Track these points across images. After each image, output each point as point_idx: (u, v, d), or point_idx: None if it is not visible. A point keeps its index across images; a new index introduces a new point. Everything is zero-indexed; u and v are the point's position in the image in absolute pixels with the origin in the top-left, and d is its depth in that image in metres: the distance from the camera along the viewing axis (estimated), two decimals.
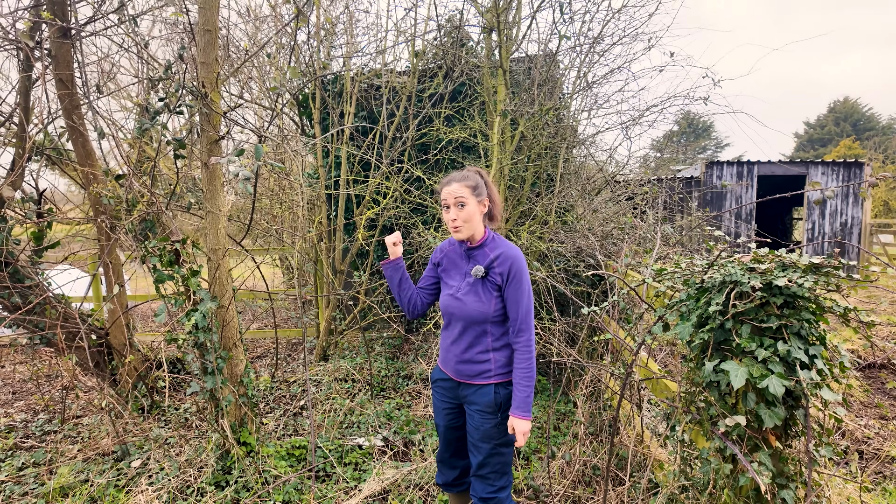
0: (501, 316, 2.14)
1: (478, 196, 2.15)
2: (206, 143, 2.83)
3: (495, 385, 2.14)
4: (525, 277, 2.10)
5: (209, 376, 2.90)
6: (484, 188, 2.19)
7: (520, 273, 2.09)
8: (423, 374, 5.15)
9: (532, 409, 2.54)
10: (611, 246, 3.98)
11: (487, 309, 2.12)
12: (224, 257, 2.95)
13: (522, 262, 2.12)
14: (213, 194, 2.90)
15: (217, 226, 2.94)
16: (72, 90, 3.41)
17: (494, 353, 2.16)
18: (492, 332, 2.16)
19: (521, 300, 2.08)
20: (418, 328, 6.40)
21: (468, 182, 2.15)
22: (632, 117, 4.50)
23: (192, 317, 2.53)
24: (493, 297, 2.11)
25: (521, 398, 2.06)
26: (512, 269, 2.09)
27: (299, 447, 3.64)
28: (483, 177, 2.21)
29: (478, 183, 2.17)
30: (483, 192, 2.18)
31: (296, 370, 5.81)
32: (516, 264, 2.09)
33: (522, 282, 2.09)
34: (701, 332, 2.00)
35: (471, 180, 2.16)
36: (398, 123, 5.51)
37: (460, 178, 2.17)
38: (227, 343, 3.13)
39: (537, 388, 4.80)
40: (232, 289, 3.11)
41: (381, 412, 4.27)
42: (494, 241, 2.20)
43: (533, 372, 2.09)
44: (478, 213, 2.16)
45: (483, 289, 2.13)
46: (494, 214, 2.25)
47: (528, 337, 2.08)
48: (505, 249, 2.14)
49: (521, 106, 4.24)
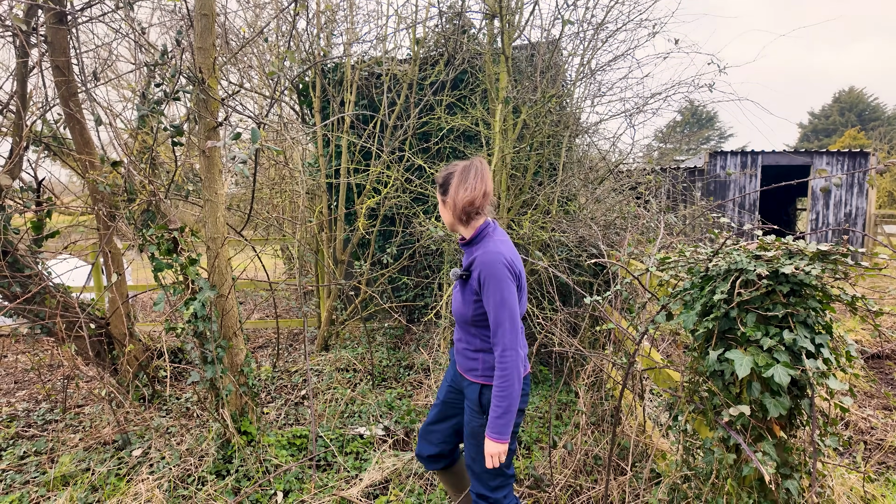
0: (484, 319, 2.02)
1: (443, 194, 2.08)
2: (204, 130, 2.79)
3: (481, 386, 2.06)
4: (494, 287, 1.89)
5: (209, 366, 2.89)
6: (449, 186, 2.05)
7: (488, 281, 1.90)
8: (424, 365, 5.14)
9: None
10: (613, 235, 3.94)
11: (466, 311, 2.03)
12: (223, 246, 2.93)
13: (494, 268, 1.90)
14: (211, 182, 2.87)
15: (216, 214, 2.91)
16: (69, 77, 3.37)
17: (483, 353, 2.07)
18: (478, 333, 2.07)
19: (490, 309, 1.91)
20: (420, 318, 6.38)
21: (438, 179, 2.12)
22: (636, 105, 4.44)
23: (190, 306, 2.51)
24: (471, 300, 2.00)
25: (493, 418, 1.91)
26: (481, 275, 1.92)
27: (300, 436, 3.64)
28: (454, 174, 2.05)
29: (444, 180, 2.08)
30: (448, 191, 2.05)
31: (297, 360, 5.81)
32: (485, 271, 1.91)
33: (490, 291, 1.89)
34: (705, 320, 1.98)
35: (440, 177, 2.11)
36: (399, 112, 5.46)
37: (439, 176, 2.14)
38: (227, 332, 3.12)
39: (538, 377, 4.79)
40: (231, 278, 3.09)
41: (382, 402, 4.27)
42: (483, 239, 2.05)
43: (508, 391, 1.89)
44: (446, 213, 2.10)
45: (465, 291, 2.03)
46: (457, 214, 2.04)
47: (501, 351, 1.89)
48: (480, 253, 1.96)
49: (524, 93, 4.19)
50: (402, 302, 6.01)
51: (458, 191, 2.00)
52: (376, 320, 6.27)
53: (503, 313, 1.88)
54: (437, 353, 5.05)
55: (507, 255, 1.94)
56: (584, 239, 4.03)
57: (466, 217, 2.03)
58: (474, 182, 2.00)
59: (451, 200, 2.02)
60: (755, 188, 12.33)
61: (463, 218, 2.04)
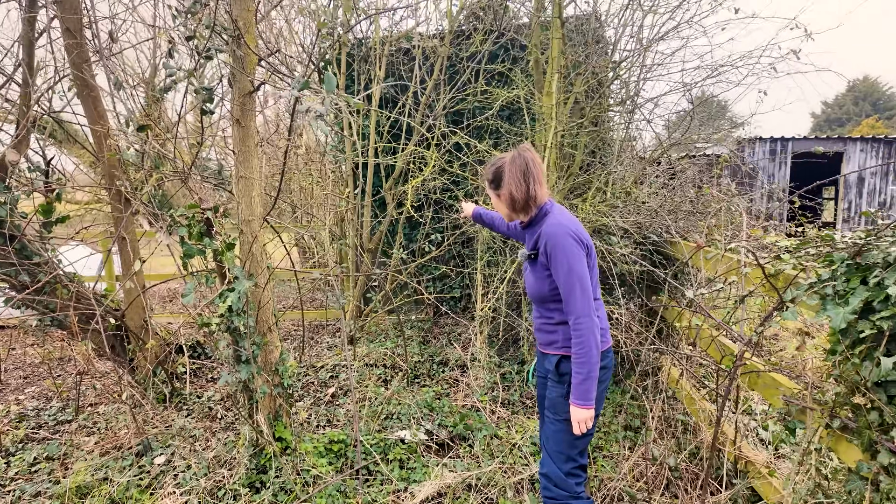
0: (557, 296, 2.05)
1: (495, 189, 2.15)
2: (239, 96, 2.42)
3: (561, 356, 2.09)
4: (561, 253, 1.94)
5: (243, 365, 2.54)
6: (501, 180, 2.10)
7: (554, 249, 1.95)
8: (459, 361, 4.79)
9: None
10: (680, 221, 3.56)
11: (542, 289, 2.07)
12: (260, 230, 2.57)
13: (559, 237, 1.95)
14: (246, 156, 2.50)
15: (251, 193, 2.55)
16: (80, 40, 3.00)
17: (563, 326, 2.08)
18: (556, 307, 2.08)
19: (560, 279, 1.96)
20: (449, 310, 6.03)
21: (486, 176, 2.19)
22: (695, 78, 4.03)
23: (226, 298, 2.16)
24: (544, 276, 2.05)
25: (574, 384, 1.95)
26: (547, 246, 1.98)
27: (337, 441, 3.29)
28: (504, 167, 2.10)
29: (494, 175, 2.14)
30: (500, 185, 2.11)
31: (321, 354, 5.47)
32: (550, 241, 1.96)
33: (558, 259, 1.94)
34: (872, 319, 1.60)
35: (488, 173, 2.17)
36: (431, 90, 5.06)
37: (484, 171, 2.25)
38: (262, 327, 2.77)
39: None
40: (268, 266, 2.73)
41: (421, 402, 3.92)
42: (546, 216, 2.08)
43: (587, 357, 1.92)
44: (500, 205, 2.17)
45: (535, 269, 2.09)
46: (514, 207, 2.11)
47: (575, 318, 1.93)
48: (544, 227, 2.02)
49: (577, 65, 3.79)
50: (438, 294, 5.64)
51: (512, 183, 2.05)
52: (403, 312, 5.92)
53: (572, 281, 1.93)
54: (475, 349, 4.71)
55: (571, 226, 1.99)
56: (642, 226, 3.65)
57: (524, 206, 2.09)
58: (528, 172, 2.04)
59: (507, 193, 2.08)
60: (785, 176, 11.89)
61: (520, 208, 2.10)
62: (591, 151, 4.08)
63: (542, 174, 2.08)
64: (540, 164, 2.09)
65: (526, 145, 2.11)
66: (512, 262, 4.32)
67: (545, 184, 2.10)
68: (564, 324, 2.06)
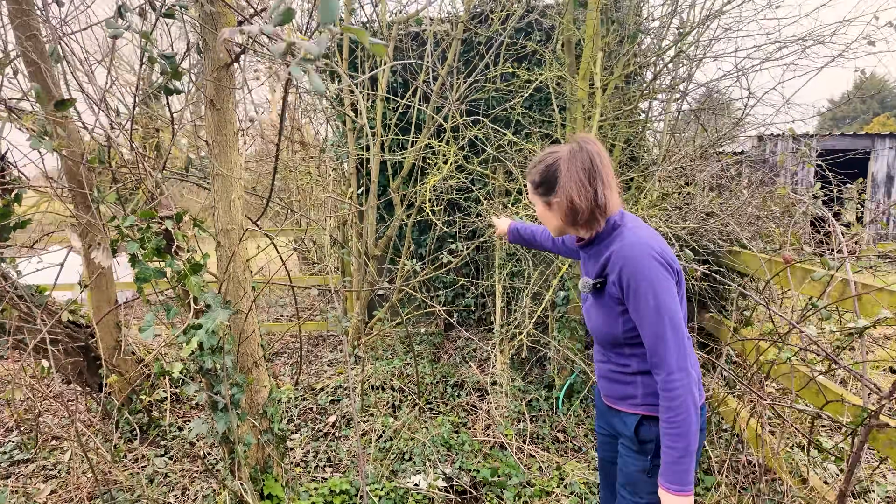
0: (635, 339, 1.52)
1: (544, 195, 1.58)
2: (213, 69, 1.87)
3: (642, 417, 1.56)
4: (644, 284, 1.40)
5: (220, 414, 1.99)
6: (556, 183, 1.53)
7: (634, 279, 1.42)
8: (477, 384, 4.23)
9: None
10: (744, 227, 3.01)
11: (615, 329, 1.54)
12: (242, 241, 2.01)
13: (640, 261, 1.42)
14: (223, 148, 1.95)
15: (230, 195, 2.00)
16: (26, 7, 2.45)
17: (642, 376, 1.56)
18: (635, 353, 1.56)
19: (643, 319, 1.42)
20: (461, 323, 5.48)
21: (532, 178, 1.61)
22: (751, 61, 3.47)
23: (193, 336, 1.62)
24: (617, 313, 1.52)
25: (666, 463, 1.42)
26: (623, 274, 1.44)
27: (340, 492, 2.75)
28: (559, 166, 1.52)
29: (544, 176, 1.56)
30: (553, 189, 1.54)
31: (321, 373, 4.92)
32: (628, 266, 1.43)
33: (641, 292, 1.41)
34: None
35: (534, 174, 1.60)
36: (445, 76, 4.51)
37: (529, 170, 1.64)
38: (246, 362, 2.22)
39: None
40: (252, 287, 2.18)
41: (436, 438, 3.37)
42: (614, 231, 1.54)
43: (685, 427, 1.38)
44: (551, 217, 1.61)
45: (604, 303, 1.55)
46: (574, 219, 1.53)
47: (666, 375, 1.40)
48: (617, 248, 1.48)
49: (620, 42, 3.24)
50: (450, 306, 5.10)
51: (573, 187, 1.48)
52: (410, 324, 5.37)
53: (662, 323, 1.39)
54: (494, 370, 4.15)
55: (655, 244, 1.46)
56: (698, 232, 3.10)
57: (589, 218, 1.52)
58: (594, 171, 1.49)
59: (565, 201, 1.50)
60: (808, 175, 11.33)
61: (584, 221, 1.53)
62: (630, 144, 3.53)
63: (612, 174, 1.53)
64: (609, 160, 1.54)
65: (586, 136, 1.55)
66: (541, 274, 3.76)
67: (615, 187, 1.55)
68: (646, 373, 1.54)
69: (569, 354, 3.66)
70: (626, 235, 1.49)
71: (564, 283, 3.76)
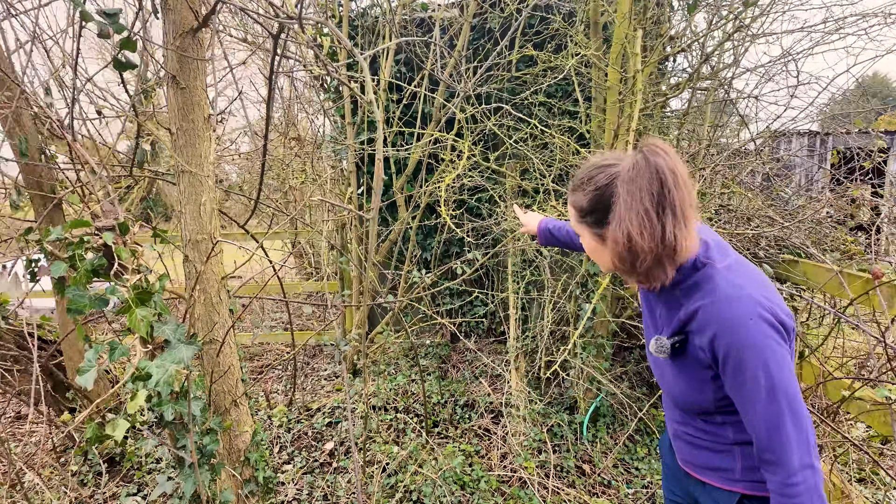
0: (731, 406, 1.13)
1: (594, 226, 1.17)
2: (175, 35, 1.46)
3: (742, 496, 1.17)
4: (751, 363, 1.00)
5: (188, 471, 1.58)
6: (608, 210, 1.11)
7: (736, 354, 1.02)
8: (490, 406, 3.83)
9: None
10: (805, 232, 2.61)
11: (702, 398, 1.15)
12: (211, 256, 1.60)
13: (743, 329, 1.01)
14: (190, 137, 1.55)
15: (199, 197, 1.59)
16: None
17: (741, 446, 1.16)
18: (729, 420, 1.16)
19: (752, 406, 1.03)
20: (469, 334, 5.08)
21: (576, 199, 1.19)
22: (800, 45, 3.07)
23: (140, 388, 1.20)
24: (705, 379, 1.12)
25: None
26: (718, 344, 1.04)
27: None
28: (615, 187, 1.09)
29: (594, 202, 1.14)
30: (603, 220, 1.13)
31: (317, 388, 4.51)
32: (725, 336, 1.03)
33: (745, 372, 1.01)
34: None
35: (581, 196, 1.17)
36: (453, 65, 4.10)
37: (573, 187, 1.21)
38: (222, 402, 1.81)
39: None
40: (230, 309, 1.77)
41: (448, 473, 2.96)
42: (696, 274, 1.11)
43: None
44: (602, 251, 1.19)
45: (686, 365, 1.15)
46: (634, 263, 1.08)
47: (784, 479, 1.00)
48: (708, 301, 1.07)
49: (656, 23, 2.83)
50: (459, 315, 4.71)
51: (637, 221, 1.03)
52: (414, 335, 4.97)
53: (778, 409, 1.00)
54: (508, 388, 3.75)
55: (759, 295, 1.04)
56: (750, 238, 2.70)
57: (655, 264, 1.07)
58: (664, 198, 1.02)
59: (622, 239, 1.05)
60: (822, 172, 10.94)
61: (647, 267, 1.07)
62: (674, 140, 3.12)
63: (691, 201, 1.06)
64: (688, 181, 1.06)
65: (656, 143, 1.06)
66: (562, 285, 3.36)
67: (693, 218, 1.07)
68: (743, 444, 1.16)
69: (595, 375, 3.26)
70: (718, 284, 1.07)
71: (589, 295, 3.36)
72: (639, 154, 1.06)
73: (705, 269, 1.10)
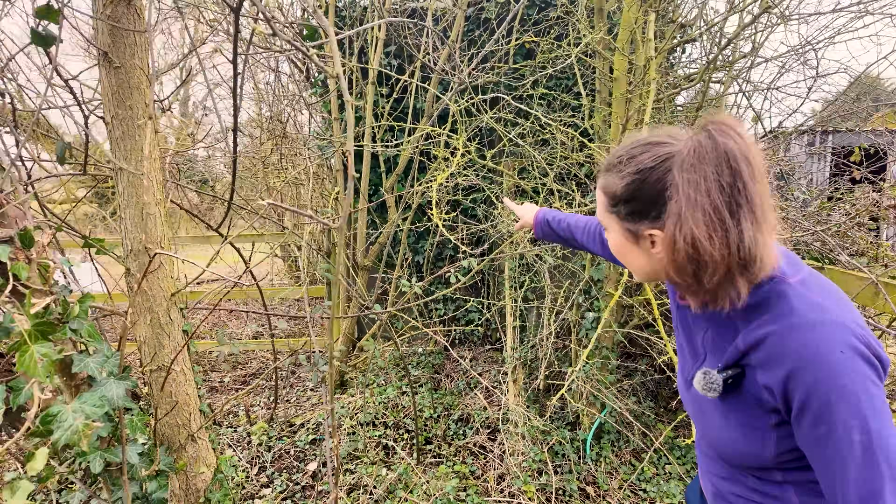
0: (795, 462, 0.86)
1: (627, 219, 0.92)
2: (105, 2, 1.20)
3: None
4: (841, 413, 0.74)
5: None
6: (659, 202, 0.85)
7: (822, 399, 0.75)
8: (486, 422, 3.58)
9: None
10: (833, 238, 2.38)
11: (759, 449, 0.87)
12: (159, 266, 1.34)
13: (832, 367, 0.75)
14: (127, 128, 1.28)
15: (140, 200, 1.32)
16: None
17: None
18: (790, 478, 0.89)
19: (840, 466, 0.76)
20: (463, 341, 4.83)
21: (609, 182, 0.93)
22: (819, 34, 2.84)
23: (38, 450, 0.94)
24: (767, 428, 0.85)
25: None
26: (794, 385, 0.78)
27: None
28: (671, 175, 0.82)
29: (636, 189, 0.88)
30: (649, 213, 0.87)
31: (302, 401, 4.24)
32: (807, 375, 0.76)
33: (834, 424, 0.75)
34: None
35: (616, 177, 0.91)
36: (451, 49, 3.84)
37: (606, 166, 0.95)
38: (176, 438, 1.54)
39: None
40: (184, 330, 1.51)
41: (441, 500, 2.70)
42: (762, 290, 0.84)
43: None
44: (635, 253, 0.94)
45: (738, 406, 0.88)
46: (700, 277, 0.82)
47: None
48: (781, 327, 0.80)
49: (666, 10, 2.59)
50: (452, 323, 4.47)
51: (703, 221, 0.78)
52: (405, 343, 4.71)
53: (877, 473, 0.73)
54: (505, 401, 3.50)
55: (849, 319, 0.78)
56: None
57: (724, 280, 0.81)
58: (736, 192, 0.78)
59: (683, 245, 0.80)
60: (824, 172, 10.79)
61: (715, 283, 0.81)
62: None
63: (768, 198, 0.81)
64: (763, 172, 0.81)
65: (726, 122, 0.80)
66: (564, 293, 3.11)
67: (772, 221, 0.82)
68: None
69: (599, 389, 3.02)
70: (793, 304, 0.82)
71: (593, 303, 3.11)
72: (702, 133, 0.80)
73: (772, 283, 0.84)
